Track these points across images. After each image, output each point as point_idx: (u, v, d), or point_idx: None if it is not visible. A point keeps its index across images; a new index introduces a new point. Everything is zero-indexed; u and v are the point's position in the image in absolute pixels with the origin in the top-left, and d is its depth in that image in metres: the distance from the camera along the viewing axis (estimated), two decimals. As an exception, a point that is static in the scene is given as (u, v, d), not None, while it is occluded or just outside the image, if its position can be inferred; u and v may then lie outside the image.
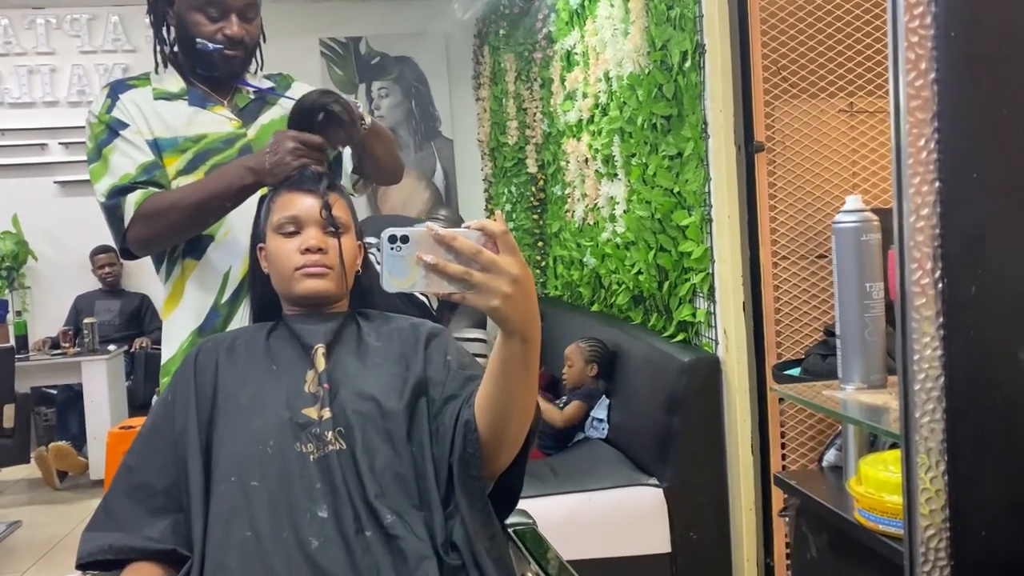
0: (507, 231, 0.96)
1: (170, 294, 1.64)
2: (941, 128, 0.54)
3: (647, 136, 2.91)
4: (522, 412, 1.12)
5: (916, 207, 0.55)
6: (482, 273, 0.95)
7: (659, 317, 2.95)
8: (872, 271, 0.99)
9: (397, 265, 0.95)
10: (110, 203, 1.54)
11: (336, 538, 1.13)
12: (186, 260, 1.61)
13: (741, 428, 2.38)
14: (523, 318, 1.00)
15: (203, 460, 1.20)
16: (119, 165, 1.55)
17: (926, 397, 0.56)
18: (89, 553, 1.19)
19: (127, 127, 1.57)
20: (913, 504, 0.56)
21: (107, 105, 1.59)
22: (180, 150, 1.58)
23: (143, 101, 1.60)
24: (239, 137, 1.62)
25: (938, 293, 0.55)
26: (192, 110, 1.61)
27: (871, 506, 1.02)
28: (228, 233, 1.60)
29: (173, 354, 1.63)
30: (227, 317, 1.62)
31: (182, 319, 1.62)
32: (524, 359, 1.05)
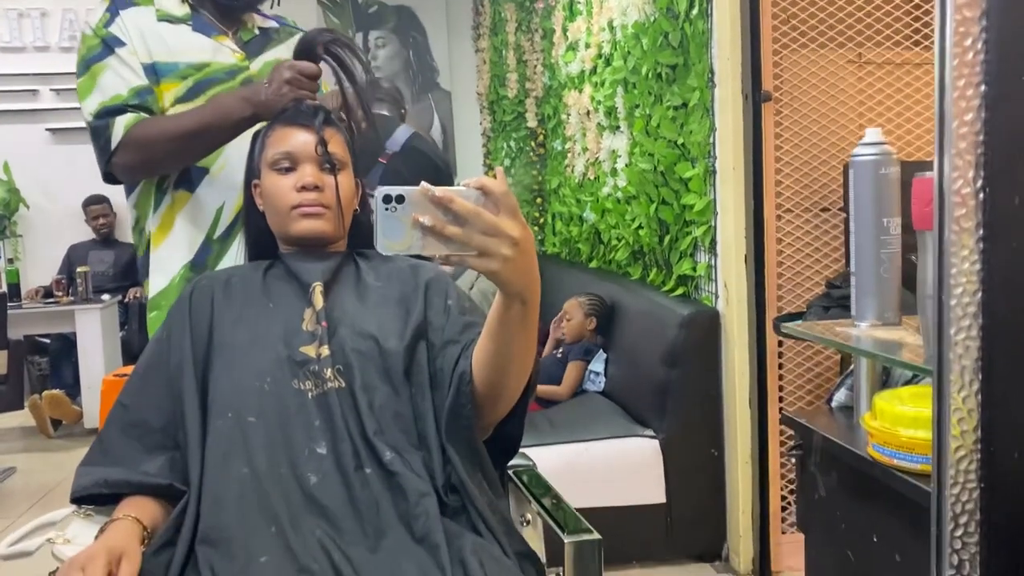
0: (508, 191, 0.92)
1: (160, 225, 1.59)
2: (989, 27, 0.51)
3: (651, 86, 2.86)
4: (520, 368, 1.10)
5: (960, 111, 0.52)
6: (481, 236, 0.90)
7: (659, 272, 2.93)
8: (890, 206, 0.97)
9: (392, 226, 0.90)
10: (98, 123, 1.49)
11: (335, 474, 1.11)
12: (178, 192, 1.57)
13: (739, 381, 2.37)
14: (523, 280, 0.97)
15: (199, 396, 1.18)
16: (110, 85, 1.49)
17: (962, 313, 0.53)
18: (84, 487, 1.17)
19: (124, 46, 1.50)
20: (944, 424, 0.54)
21: (105, 19, 1.52)
22: (181, 76, 1.53)
23: (145, 22, 1.53)
24: (242, 69, 1.58)
25: (979, 203, 0.52)
26: (196, 36, 1.56)
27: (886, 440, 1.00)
28: (224, 167, 1.56)
29: (164, 287, 1.59)
30: (219, 252, 1.59)
31: (173, 251, 1.59)
32: (523, 319, 1.03)
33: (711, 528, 2.50)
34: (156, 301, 1.60)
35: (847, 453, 1.10)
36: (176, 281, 1.58)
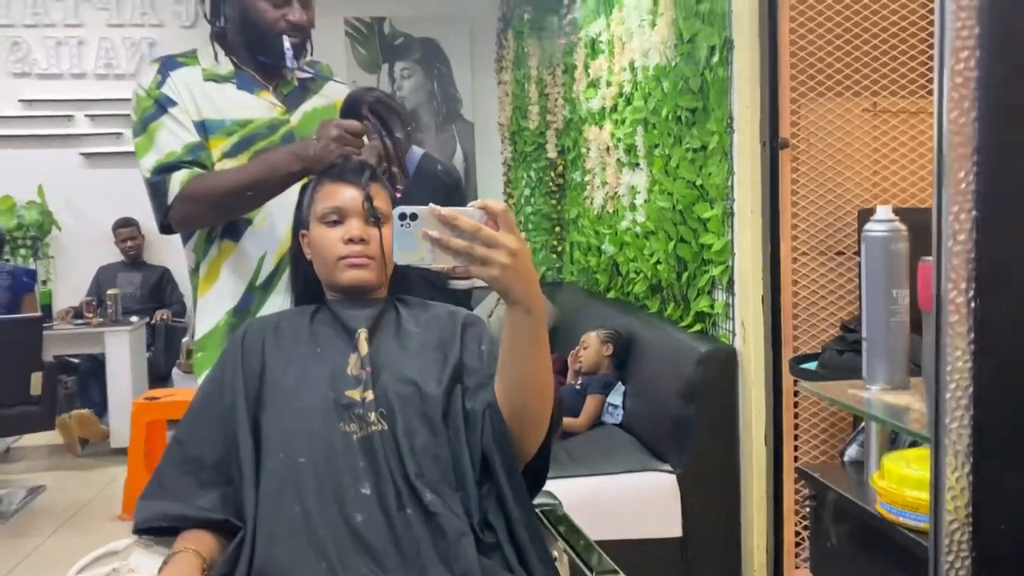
0: (507, 210, 1.06)
1: (207, 274, 1.69)
2: (979, 163, 0.59)
3: (671, 128, 2.95)
4: (536, 385, 1.18)
5: (954, 232, 0.60)
6: (483, 247, 1.04)
7: (676, 307, 3.00)
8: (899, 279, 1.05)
9: (406, 240, 1.05)
10: (155, 180, 1.58)
11: (379, 514, 1.19)
12: (224, 242, 1.66)
13: (755, 419, 2.44)
14: (523, 287, 1.09)
15: (252, 435, 1.27)
16: (165, 143, 1.59)
17: (955, 405, 0.61)
18: (145, 520, 1.26)
19: (175, 105, 1.60)
20: (940, 500, 0.62)
21: (157, 81, 1.62)
22: (227, 132, 1.62)
23: (193, 81, 1.63)
24: (283, 123, 1.67)
25: (970, 311, 0.61)
26: (240, 94, 1.65)
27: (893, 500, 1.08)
28: (266, 219, 1.65)
29: (209, 331, 1.68)
30: (261, 300, 1.67)
31: (218, 299, 1.68)
32: (530, 330, 1.14)
33: (727, 563, 2.56)
34: (202, 343, 1.69)
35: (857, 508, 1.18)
36: (220, 325, 1.67)
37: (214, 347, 1.66)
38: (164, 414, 3.71)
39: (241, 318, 1.65)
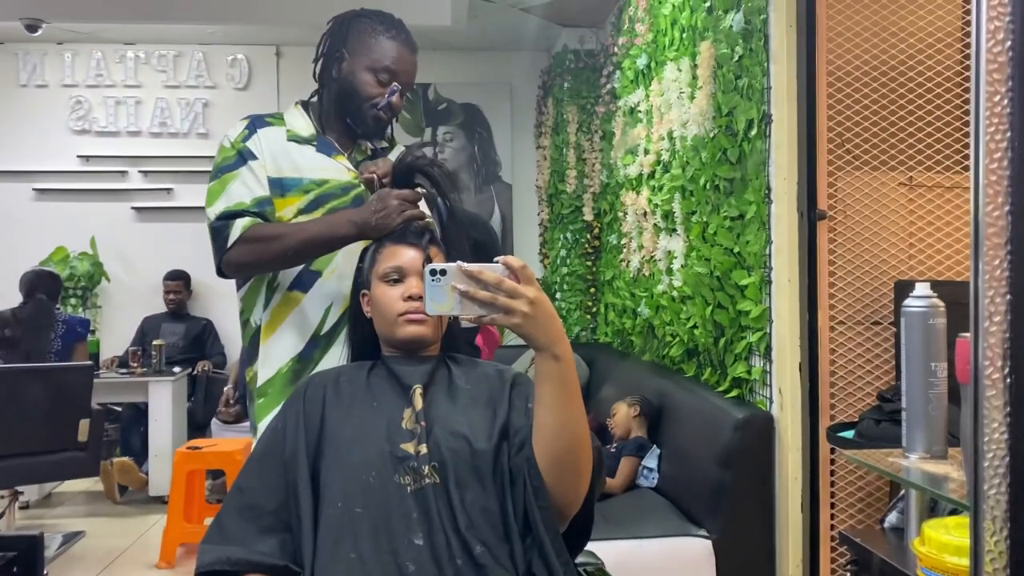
0: (525, 265, 1.19)
1: (268, 322, 1.77)
2: (1013, 251, 0.66)
3: (709, 196, 3.02)
4: (571, 431, 1.24)
5: (989, 315, 0.66)
6: (505, 298, 1.17)
7: (713, 372, 3.04)
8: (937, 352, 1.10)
9: (437, 293, 1.18)
10: (219, 224, 1.69)
11: (430, 564, 1.24)
12: (292, 292, 1.75)
13: (792, 486, 2.46)
14: (545, 333, 1.20)
15: (312, 485, 1.33)
16: (236, 192, 1.70)
17: (993, 473, 0.66)
18: (207, 563, 1.31)
19: (256, 159, 1.72)
20: (979, 563, 0.67)
21: (244, 135, 1.75)
22: (304, 190, 1.74)
23: (276, 140, 1.76)
24: (355, 187, 1.78)
25: (1006, 387, 0.66)
26: (319, 156, 1.77)
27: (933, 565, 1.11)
28: (334, 272, 1.75)
29: (271, 376, 1.75)
30: (325, 347, 1.75)
31: (284, 345, 1.76)
32: (560, 376, 1.22)
33: (761, 629, 2.55)
34: (263, 389, 1.76)
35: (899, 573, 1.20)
36: (284, 371, 1.75)
37: (276, 392, 1.73)
38: (205, 463, 3.79)
39: (305, 365, 1.73)
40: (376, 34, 1.76)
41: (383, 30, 1.76)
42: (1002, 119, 0.65)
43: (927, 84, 2.54)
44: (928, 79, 2.54)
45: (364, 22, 1.78)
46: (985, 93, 0.65)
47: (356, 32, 1.78)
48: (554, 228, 5.23)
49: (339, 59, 1.78)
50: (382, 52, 1.75)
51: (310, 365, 1.74)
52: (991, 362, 0.66)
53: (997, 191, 0.65)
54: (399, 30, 1.78)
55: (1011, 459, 0.67)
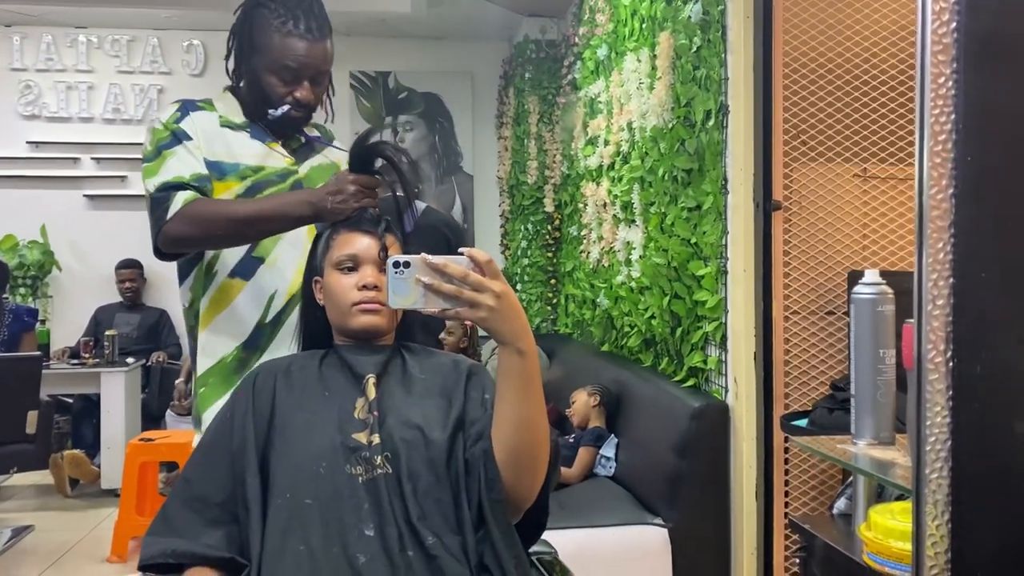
0: (491, 260, 1.16)
1: (210, 308, 1.73)
2: (956, 234, 0.66)
3: (667, 187, 3.03)
4: (531, 426, 1.23)
5: (933, 298, 0.66)
6: (471, 291, 1.14)
7: (670, 362, 3.05)
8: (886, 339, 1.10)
9: (400, 286, 1.16)
10: (159, 195, 1.62)
11: (381, 556, 1.22)
12: (234, 279, 1.71)
13: (747, 474, 2.48)
14: (511, 328, 1.18)
15: (260, 476, 1.30)
16: (175, 167, 1.64)
17: (935, 457, 0.66)
18: (151, 556, 1.28)
19: (191, 140, 1.67)
20: (921, 547, 0.67)
21: (176, 116, 1.69)
22: (240, 176, 1.69)
23: (210, 124, 1.71)
24: (292, 173, 1.74)
25: (949, 370, 0.66)
26: (253, 142, 1.73)
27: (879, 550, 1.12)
28: (278, 259, 1.72)
29: (212, 365, 1.72)
30: (270, 336, 1.72)
31: (225, 335, 1.72)
32: (523, 371, 1.21)
33: (716, 617, 2.57)
34: (204, 378, 1.72)
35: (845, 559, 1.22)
36: (228, 360, 1.71)
37: (218, 382, 1.70)
38: (158, 455, 3.72)
39: (250, 354, 1.70)
40: (273, 31, 1.67)
41: (280, 24, 1.66)
42: (947, 101, 0.65)
43: (881, 77, 2.56)
44: (882, 72, 2.56)
45: (262, 14, 1.69)
46: (930, 75, 0.64)
47: (257, 27, 1.69)
48: (515, 219, 5.22)
49: (246, 56, 1.72)
50: (282, 51, 1.66)
51: (255, 354, 1.71)
52: (934, 346, 0.66)
53: (942, 174, 0.65)
54: (300, 19, 1.67)
55: (953, 443, 0.67)
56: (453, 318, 1.21)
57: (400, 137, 5.42)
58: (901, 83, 2.56)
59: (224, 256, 1.72)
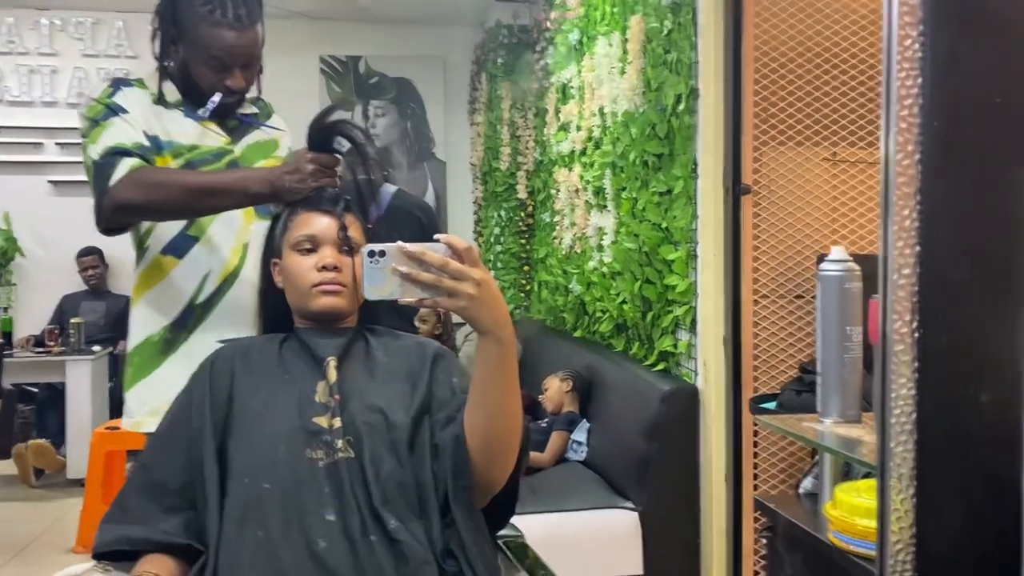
0: (471, 247, 1.11)
1: (139, 283, 1.68)
2: (922, 201, 0.64)
3: (638, 172, 3.02)
4: (506, 414, 1.21)
5: (899, 266, 0.64)
6: (450, 280, 1.10)
7: (641, 346, 3.05)
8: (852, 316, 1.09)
9: (376, 276, 1.10)
10: (102, 160, 1.54)
11: (342, 540, 1.20)
12: (166, 257, 1.66)
13: (716, 457, 2.48)
14: (491, 317, 1.14)
15: (218, 461, 1.27)
16: (115, 135, 1.57)
17: (900, 430, 0.65)
18: (106, 543, 1.25)
19: (127, 113, 1.61)
20: (885, 522, 0.65)
21: (109, 91, 1.63)
22: (175, 153, 1.64)
23: (144, 101, 1.65)
24: (227, 152, 1.70)
25: (914, 341, 0.65)
26: (188, 120, 1.68)
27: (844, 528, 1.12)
28: (213, 238, 1.67)
29: (139, 343, 1.68)
30: (200, 317, 1.67)
31: (155, 311, 1.67)
32: (501, 360, 1.17)
33: (687, 600, 2.57)
34: (131, 356, 1.69)
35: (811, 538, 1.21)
36: (155, 339, 1.67)
37: (144, 361, 1.67)
38: (125, 444, 3.65)
39: (177, 335, 1.66)
40: (200, 20, 1.61)
41: (207, 14, 1.60)
42: (913, 64, 0.63)
43: (852, 61, 2.56)
44: (853, 55, 2.56)
45: (188, 1, 1.62)
46: (896, 36, 0.62)
47: (182, 14, 1.63)
48: (488, 206, 5.19)
49: (172, 42, 1.66)
50: (210, 41, 1.61)
51: (183, 335, 1.66)
52: (899, 316, 0.64)
53: (907, 139, 0.64)
54: (227, 7, 1.60)
55: (918, 416, 0.65)
56: (431, 307, 1.16)
57: (371, 123, 5.36)
58: (871, 67, 2.56)
59: (158, 231, 1.66)
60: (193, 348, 1.65)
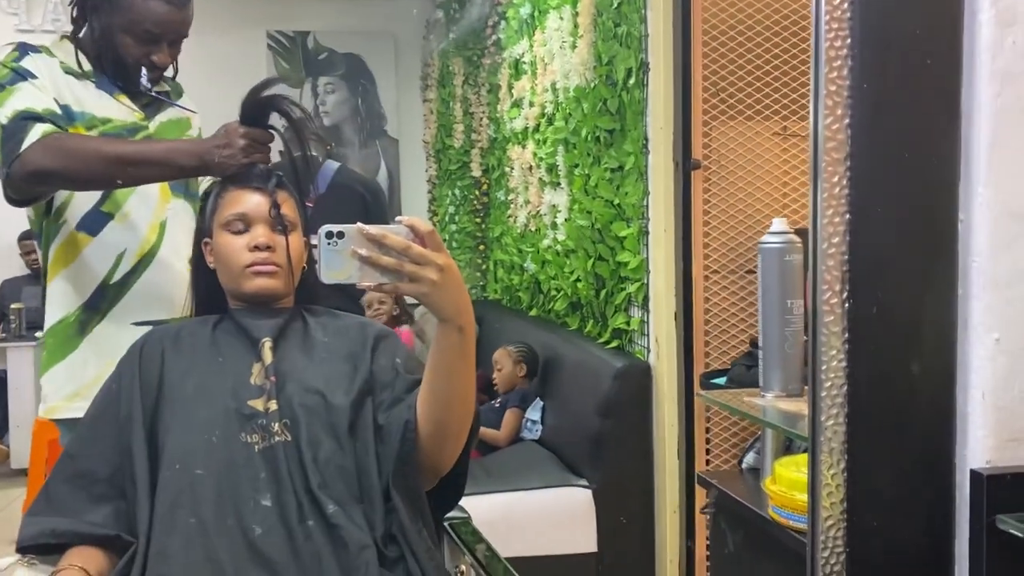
0: (434, 230, 1.07)
1: (53, 260, 1.62)
2: (852, 167, 0.62)
3: (590, 148, 2.99)
4: (462, 401, 1.19)
5: (828, 235, 0.62)
6: (412, 265, 1.05)
7: (595, 324, 3.03)
8: (793, 289, 1.08)
9: (333, 259, 1.05)
10: (12, 124, 1.47)
11: (279, 526, 1.17)
12: (80, 234, 1.60)
13: (668, 433, 2.48)
14: (453, 304, 1.10)
15: (148, 448, 1.23)
16: (25, 99, 1.50)
17: (831, 403, 0.63)
18: (30, 536, 1.20)
19: (36, 79, 1.53)
20: (816, 497, 0.63)
21: (15, 56, 1.55)
22: (88, 125, 1.58)
23: (53, 68, 1.57)
24: (141, 128, 1.65)
25: (845, 311, 0.63)
26: (100, 92, 1.61)
27: (784, 503, 1.11)
28: (129, 215, 1.62)
29: (53, 324, 1.62)
30: (115, 298, 1.62)
31: (68, 291, 1.61)
32: (461, 348, 1.14)
33: (641, 576, 2.58)
34: (45, 338, 1.63)
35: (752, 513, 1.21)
36: (70, 320, 1.61)
37: (58, 344, 1.61)
38: (67, 433, 3.56)
39: (91, 316, 1.61)
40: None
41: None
42: (842, 24, 0.60)
43: (802, 34, 2.55)
44: (803, 28, 2.55)
45: None
46: (823, -6, 0.60)
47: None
48: (442, 184, 5.12)
49: (94, 9, 1.59)
50: (143, 14, 1.55)
51: (96, 317, 1.61)
52: (829, 286, 0.62)
53: (836, 102, 0.61)
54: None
55: (850, 388, 0.64)
56: (391, 292, 1.12)
57: (321, 100, 5.25)
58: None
59: (74, 204, 1.59)
60: (108, 330, 1.61)
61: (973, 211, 0.62)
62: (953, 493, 0.63)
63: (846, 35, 0.60)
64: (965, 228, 0.62)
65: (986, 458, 0.63)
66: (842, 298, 0.61)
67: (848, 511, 0.62)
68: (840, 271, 0.61)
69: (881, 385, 0.63)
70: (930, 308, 0.62)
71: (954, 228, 0.62)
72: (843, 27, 0.60)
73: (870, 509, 0.63)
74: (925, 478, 0.63)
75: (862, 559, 0.62)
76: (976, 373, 0.63)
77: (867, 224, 0.61)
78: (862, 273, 0.61)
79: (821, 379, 0.62)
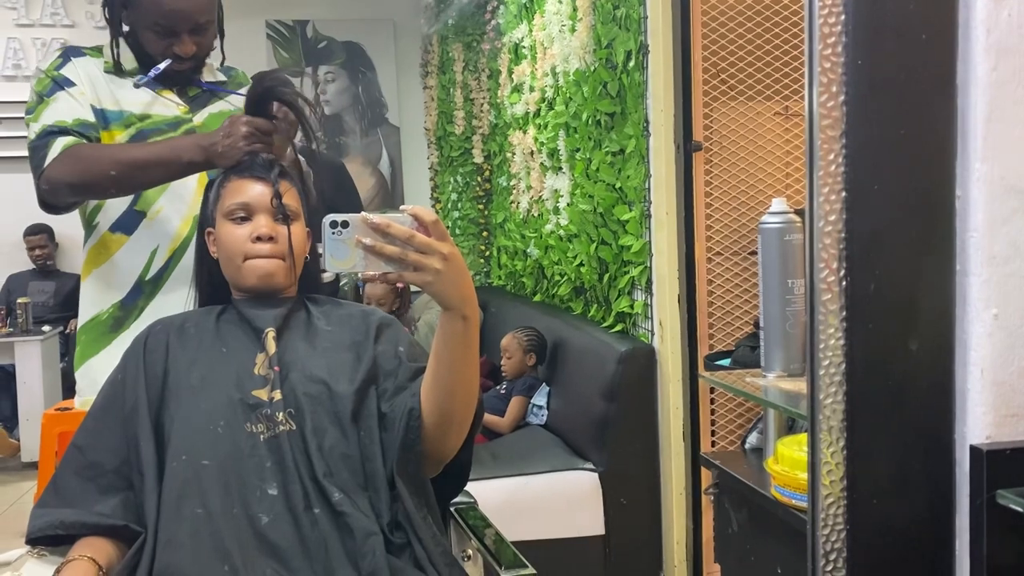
0: (438, 219, 1.07)
1: (87, 260, 1.66)
2: (848, 144, 0.62)
3: (591, 132, 2.98)
4: (466, 390, 1.19)
5: (825, 213, 0.62)
6: (416, 253, 1.05)
7: (599, 308, 3.03)
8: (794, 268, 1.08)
9: (338, 248, 1.06)
10: (38, 142, 1.54)
11: (285, 514, 1.17)
12: (115, 234, 1.63)
13: (673, 415, 2.48)
14: (458, 293, 1.10)
15: (154, 439, 1.23)
16: (56, 112, 1.55)
17: (829, 381, 0.63)
18: (39, 528, 1.21)
19: (74, 86, 1.58)
20: (816, 476, 0.64)
21: (58, 63, 1.61)
22: (125, 124, 1.60)
23: (95, 70, 1.62)
24: (185, 121, 1.65)
25: (842, 289, 0.63)
26: (141, 90, 1.63)
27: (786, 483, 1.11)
28: (160, 212, 1.63)
29: (87, 321, 1.65)
30: (150, 294, 1.64)
31: (104, 289, 1.65)
32: (465, 336, 1.14)
33: (648, 559, 2.59)
34: (79, 335, 1.67)
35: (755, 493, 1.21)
36: (103, 317, 1.64)
37: (92, 340, 1.64)
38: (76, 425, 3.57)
39: (128, 312, 1.63)
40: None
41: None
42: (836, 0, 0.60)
43: (801, 13, 2.53)
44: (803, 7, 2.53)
45: None
46: (816, -30, 0.59)
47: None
48: (444, 171, 5.12)
49: (123, 7, 1.62)
50: (152, 6, 1.57)
51: (133, 313, 1.63)
52: (826, 264, 0.62)
53: (831, 79, 0.61)
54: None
55: (848, 367, 0.64)
56: (395, 282, 1.12)
57: (321, 88, 5.24)
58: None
59: (107, 208, 1.63)
60: (144, 325, 1.62)
61: (970, 186, 0.62)
62: (953, 469, 0.63)
63: (840, 11, 0.60)
64: (962, 203, 0.62)
65: (986, 434, 0.63)
66: (839, 276, 0.61)
67: (848, 489, 0.62)
68: (837, 249, 0.61)
69: (879, 363, 0.63)
70: (928, 285, 0.62)
71: (951, 204, 0.62)
72: (837, 3, 0.60)
73: (870, 486, 0.63)
74: (924, 454, 0.63)
75: (863, 536, 0.62)
76: (975, 349, 0.63)
77: (864, 201, 0.61)
78: (859, 251, 0.61)
79: (819, 358, 0.62)
